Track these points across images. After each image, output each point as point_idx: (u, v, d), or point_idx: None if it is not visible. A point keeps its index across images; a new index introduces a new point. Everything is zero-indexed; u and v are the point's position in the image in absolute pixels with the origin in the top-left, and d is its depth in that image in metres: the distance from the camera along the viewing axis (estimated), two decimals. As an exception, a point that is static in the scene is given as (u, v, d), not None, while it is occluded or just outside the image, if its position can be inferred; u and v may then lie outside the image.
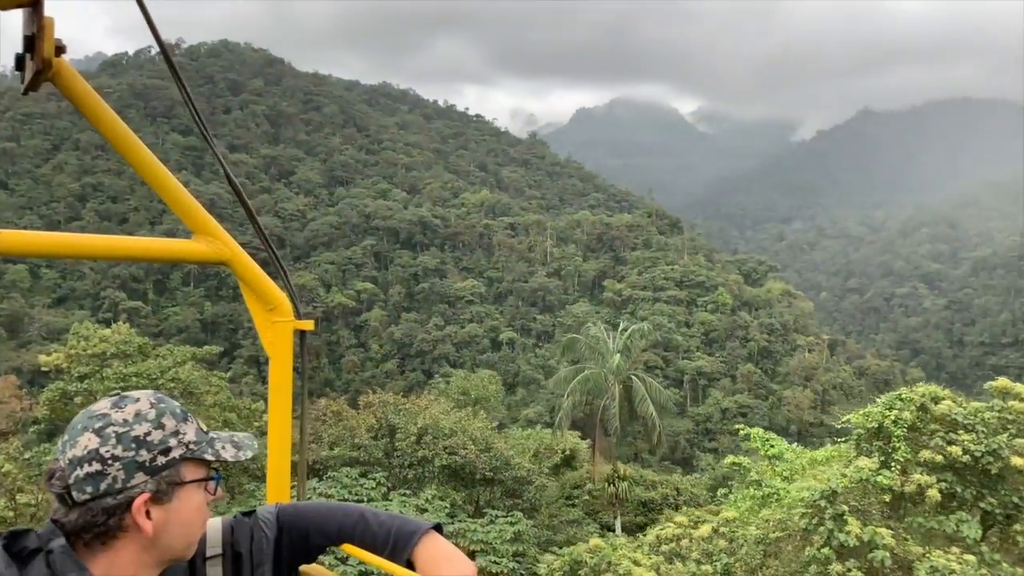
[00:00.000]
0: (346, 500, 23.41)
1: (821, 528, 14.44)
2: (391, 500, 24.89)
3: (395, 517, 2.03)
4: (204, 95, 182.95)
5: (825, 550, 14.17)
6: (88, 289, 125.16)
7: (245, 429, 27.79)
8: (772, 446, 22.99)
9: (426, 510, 24.57)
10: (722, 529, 16.34)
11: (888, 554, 13.69)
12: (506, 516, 26.02)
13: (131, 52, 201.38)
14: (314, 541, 2.03)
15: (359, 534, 2.00)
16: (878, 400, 16.99)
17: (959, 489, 15.06)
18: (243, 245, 2.77)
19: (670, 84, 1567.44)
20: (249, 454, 1.75)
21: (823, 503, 14.67)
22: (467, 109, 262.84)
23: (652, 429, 37.71)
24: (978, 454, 14.79)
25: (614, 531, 34.68)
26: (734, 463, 22.80)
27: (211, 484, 1.75)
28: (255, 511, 2.06)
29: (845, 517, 14.40)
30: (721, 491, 24.67)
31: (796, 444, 26.30)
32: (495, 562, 22.02)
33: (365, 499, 24.43)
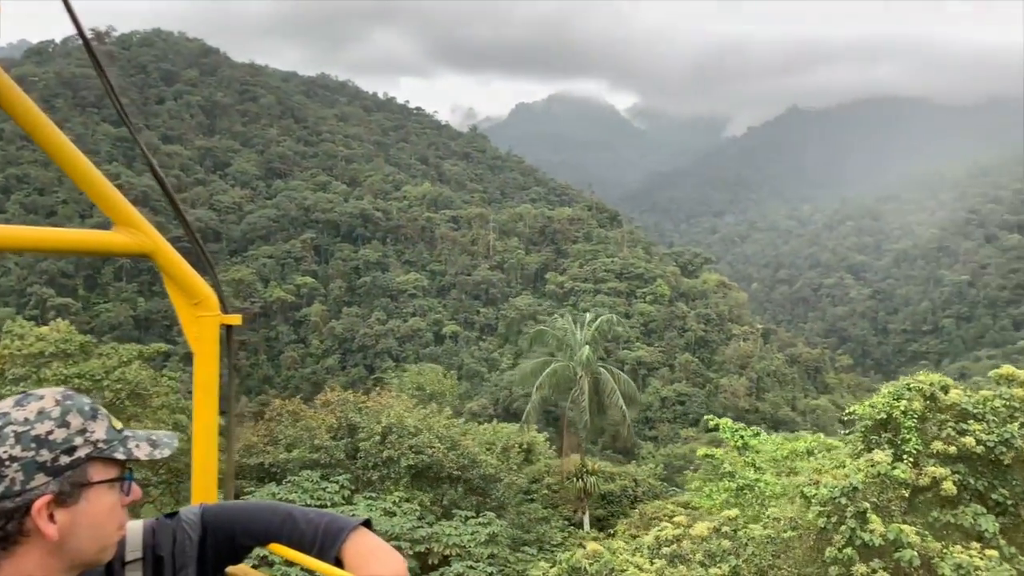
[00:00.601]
0: (308, 506, 23.49)
1: (843, 527, 13.62)
2: (356, 504, 23.89)
3: (323, 514, 1.97)
4: (136, 85, 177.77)
5: (848, 550, 13.37)
6: (13, 285, 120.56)
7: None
8: (741, 437, 22.44)
9: (394, 513, 23.79)
10: (724, 528, 15.67)
11: (915, 553, 13.03)
12: (477, 517, 25.24)
13: (58, 40, 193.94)
14: (240, 542, 1.96)
15: (287, 533, 1.93)
16: (882, 390, 16.47)
17: (971, 480, 14.57)
18: (175, 239, 2.77)
19: (607, 80, 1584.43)
20: (167, 452, 1.71)
21: (843, 500, 13.80)
22: (407, 102, 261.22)
23: (622, 421, 37.45)
24: (991, 444, 14.34)
25: (582, 527, 34.20)
26: (706, 455, 22.39)
27: (125, 484, 1.66)
28: (178, 513, 1.98)
29: (867, 515, 13.62)
30: (694, 484, 24.13)
31: (776, 434, 25.96)
32: (471, 567, 21.37)
33: (328, 504, 23.41)
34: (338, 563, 1.86)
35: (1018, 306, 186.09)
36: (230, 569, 2.03)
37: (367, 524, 1.94)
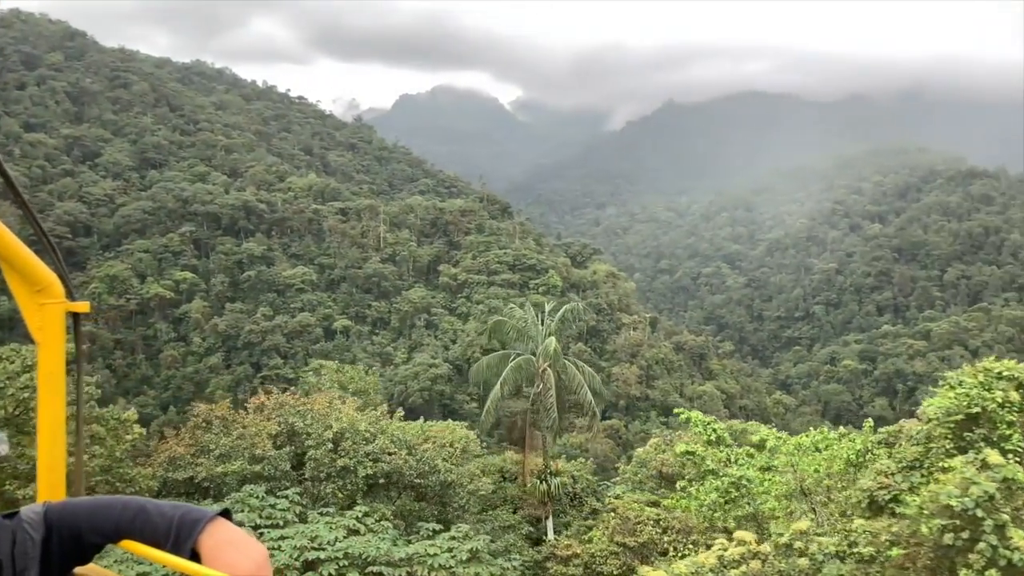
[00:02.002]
0: (257, 527, 20.45)
1: (981, 545, 11.41)
2: (313, 523, 21.60)
3: (178, 507, 1.86)
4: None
5: (992, 572, 11.18)
6: None
7: (114, 442, 24.10)
8: (714, 431, 21.47)
9: (358, 531, 21.58)
10: (796, 543, 13.47)
11: None
12: (447, 530, 23.27)
13: None
14: (88, 540, 1.84)
15: (139, 528, 1.82)
16: (956, 378, 14.75)
17: None
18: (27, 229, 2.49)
19: (491, 72, 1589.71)
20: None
21: (978, 512, 11.52)
22: (288, 91, 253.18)
23: (593, 418, 35.36)
24: None
25: (546, 534, 32.32)
26: (687, 452, 21.05)
27: None
28: (18, 512, 1.85)
29: (1007, 529, 11.52)
30: (680, 484, 22.58)
31: (772, 427, 24.66)
32: None
33: (281, 523, 21.37)
34: (195, 556, 1.76)
35: (881, 292, 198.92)
36: (78, 570, 1.92)
37: (226, 514, 1.84)
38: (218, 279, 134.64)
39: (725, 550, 14.59)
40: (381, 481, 26.25)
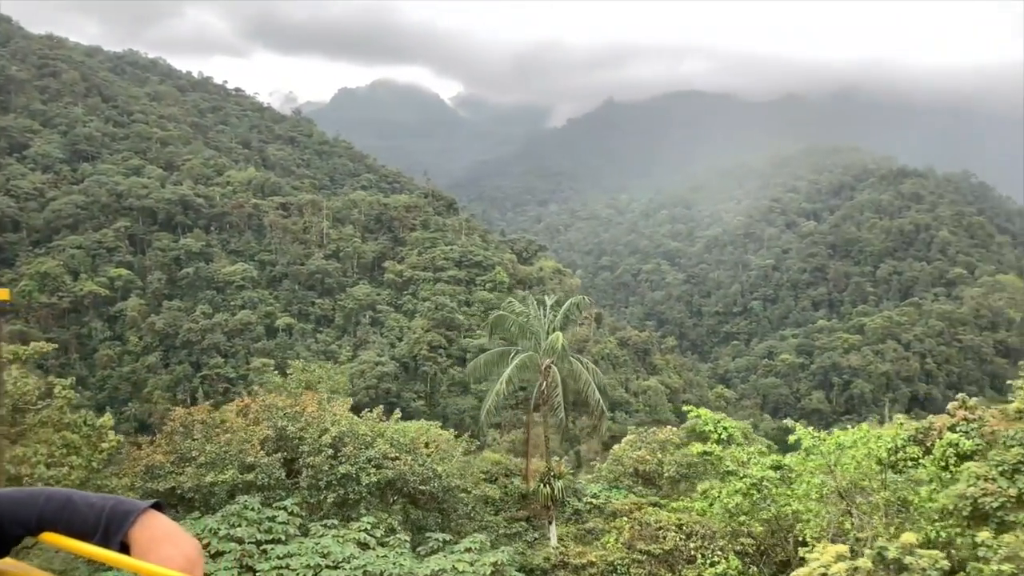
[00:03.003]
0: (259, 542, 19.32)
1: None
2: (320, 536, 19.92)
3: (108, 498, 1.78)
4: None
5: None
6: None
7: (90, 452, 22.41)
8: (725, 428, 20.46)
9: (368, 545, 19.91)
10: (907, 559, 12.06)
11: None
12: (460, 540, 21.62)
13: None
14: (9, 532, 1.74)
15: (66, 519, 1.72)
16: None
17: None
18: None
19: (431, 67, 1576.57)
20: None
21: None
22: (225, 82, 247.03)
23: (601, 417, 32.89)
24: None
25: (549, 540, 30.41)
26: (704, 452, 20.03)
27: None
28: None
29: None
30: (701, 486, 20.74)
31: (803, 423, 23.02)
32: None
33: (283, 537, 19.93)
34: (124, 549, 1.68)
35: (816, 288, 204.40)
36: None
37: (158, 506, 1.77)
38: (155, 276, 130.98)
39: (827, 568, 13.23)
40: (385, 488, 24.69)
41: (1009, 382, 17.42)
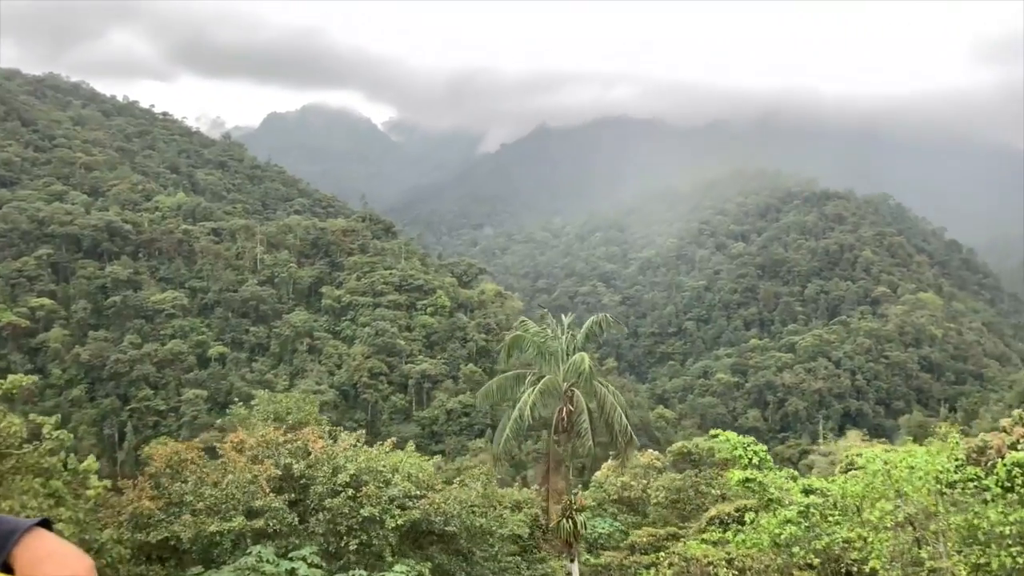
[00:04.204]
0: None
1: None
2: None
3: None
4: None
5: None
6: None
7: (74, 501, 19.90)
8: (755, 453, 18.59)
9: None
10: None
11: None
12: None
13: None
14: None
15: None
16: None
17: None
18: None
19: (362, 92, 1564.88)
20: None
21: None
22: (152, 106, 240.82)
23: (629, 445, 30.17)
24: None
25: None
26: (746, 480, 18.14)
27: None
28: None
29: None
30: (748, 517, 18.53)
31: (872, 440, 20.33)
32: None
33: None
34: (8, 569, 1.63)
35: (748, 307, 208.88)
36: None
37: (46, 524, 1.71)
38: (79, 305, 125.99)
39: None
40: (410, 532, 22.34)
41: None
